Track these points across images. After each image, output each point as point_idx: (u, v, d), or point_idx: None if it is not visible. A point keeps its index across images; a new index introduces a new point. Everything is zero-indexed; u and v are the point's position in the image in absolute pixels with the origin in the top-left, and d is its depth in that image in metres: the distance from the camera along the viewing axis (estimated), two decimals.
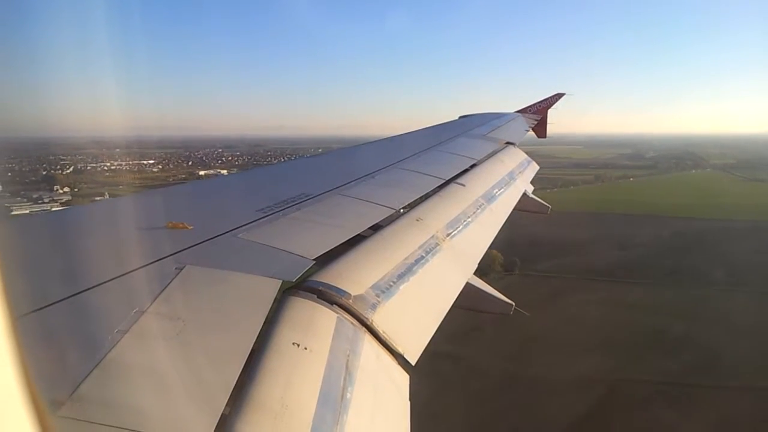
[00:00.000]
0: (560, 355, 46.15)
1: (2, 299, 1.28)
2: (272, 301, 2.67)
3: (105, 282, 2.56)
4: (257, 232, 3.58)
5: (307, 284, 3.01)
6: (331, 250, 3.51)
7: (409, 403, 2.76)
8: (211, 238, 3.33)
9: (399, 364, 2.93)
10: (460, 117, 14.02)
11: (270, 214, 3.96)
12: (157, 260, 2.89)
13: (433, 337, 3.30)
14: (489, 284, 4.85)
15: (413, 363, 2.97)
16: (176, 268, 2.80)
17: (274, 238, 3.50)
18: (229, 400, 1.94)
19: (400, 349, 2.95)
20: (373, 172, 5.96)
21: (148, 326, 2.26)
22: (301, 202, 4.41)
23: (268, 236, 3.51)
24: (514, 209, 7.25)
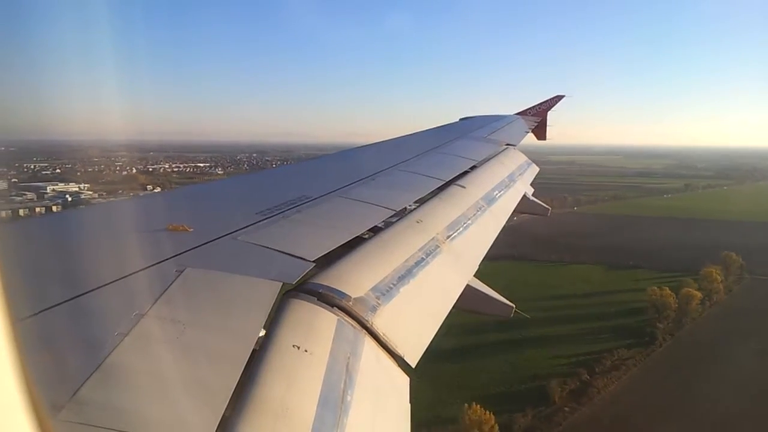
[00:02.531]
0: None
1: (2, 302, 1.28)
2: (272, 304, 2.67)
3: (105, 285, 2.56)
4: (257, 234, 3.58)
5: (308, 286, 3.01)
6: (331, 252, 3.51)
7: (409, 405, 2.76)
8: (212, 241, 3.33)
9: (399, 366, 2.92)
10: (461, 119, 14.04)
11: (270, 217, 3.96)
12: (158, 263, 2.89)
13: None
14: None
15: (413, 365, 2.96)
16: (176, 271, 2.80)
17: (274, 240, 3.50)
18: (229, 402, 1.94)
19: (401, 352, 2.94)
20: (374, 174, 5.96)
21: (148, 329, 2.25)
22: (301, 204, 4.41)
23: (268, 238, 3.51)
24: (514, 211, 7.25)
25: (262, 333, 2.46)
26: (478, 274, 4.63)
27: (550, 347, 63.74)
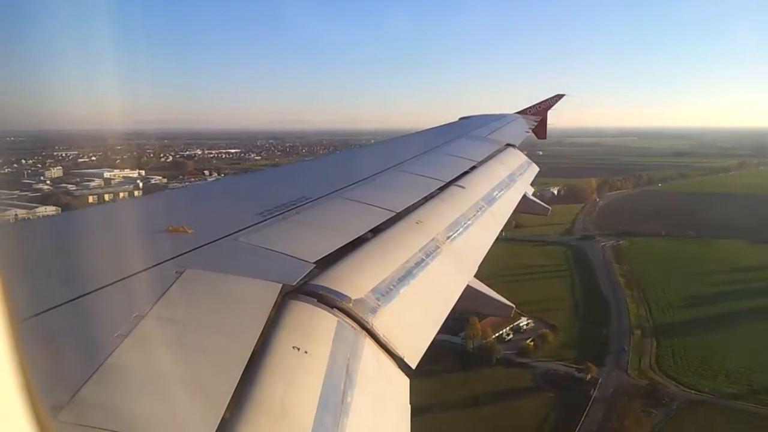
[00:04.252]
0: None
1: (3, 303, 1.28)
2: (273, 305, 2.67)
3: (105, 286, 2.57)
4: (258, 235, 3.58)
5: (308, 288, 3.01)
6: (331, 253, 3.51)
7: (409, 406, 2.76)
8: (212, 242, 3.34)
9: (399, 367, 2.92)
10: (461, 118, 14.04)
11: (270, 218, 3.96)
12: (158, 264, 2.90)
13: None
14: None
15: (413, 366, 2.96)
16: (177, 272, 2.80)
17: (275, 241, 3.50)
18: (229, 403, 1.94)
19: (401, 353, 2.94)
20: (374, 175, 5.96)
21: (148, 330, 2.26)
22: (301, 205, 4.41)
23: (268, 239, 3.51)
24: (514, 211, 7.25)
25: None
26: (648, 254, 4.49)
27: None
